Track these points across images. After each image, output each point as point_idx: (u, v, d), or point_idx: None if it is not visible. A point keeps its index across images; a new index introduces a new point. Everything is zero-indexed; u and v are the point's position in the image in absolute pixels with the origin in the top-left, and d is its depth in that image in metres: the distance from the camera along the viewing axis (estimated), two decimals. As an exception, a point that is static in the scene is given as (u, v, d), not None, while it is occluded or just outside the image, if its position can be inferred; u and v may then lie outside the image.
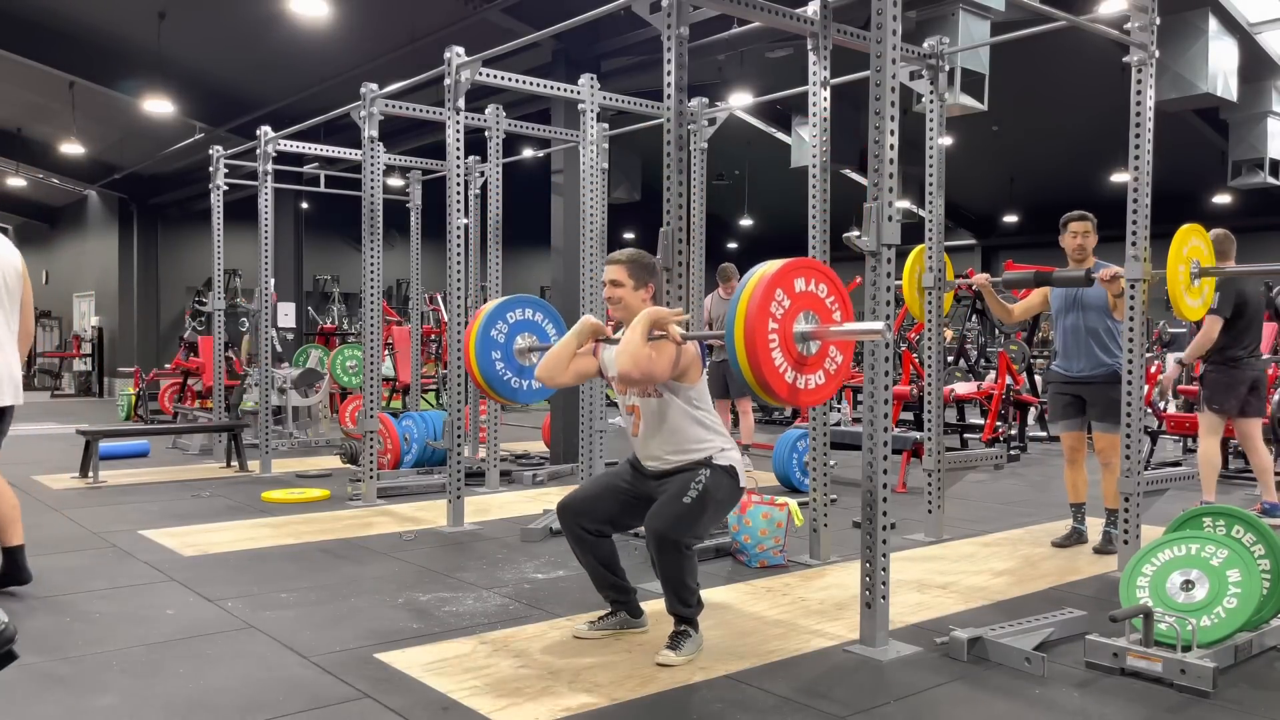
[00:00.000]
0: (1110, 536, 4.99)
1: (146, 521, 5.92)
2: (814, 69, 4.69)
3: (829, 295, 3.37)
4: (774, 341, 3.20)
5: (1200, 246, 4.67)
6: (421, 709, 2.96)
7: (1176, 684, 3.08)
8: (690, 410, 3.49)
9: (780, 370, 3.23)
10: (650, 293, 3.60)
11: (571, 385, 3.82)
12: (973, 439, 9.35)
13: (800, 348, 3.28)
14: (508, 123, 7.15)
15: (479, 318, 4.39)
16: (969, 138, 14.75)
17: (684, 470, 3.45)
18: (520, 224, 11.37)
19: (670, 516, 3.33)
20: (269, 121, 8.52)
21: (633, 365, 3.31)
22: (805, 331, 3.28)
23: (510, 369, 4.37)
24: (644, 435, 3.54)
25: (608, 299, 3.60)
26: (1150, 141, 4.52)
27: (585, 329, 3.64)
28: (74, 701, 3.01)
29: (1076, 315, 5.09)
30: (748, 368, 3.17)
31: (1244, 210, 17.78)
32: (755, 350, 3.15)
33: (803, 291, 3.29)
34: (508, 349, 4.38)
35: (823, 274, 3.37)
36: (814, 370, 3.35)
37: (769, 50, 9.72)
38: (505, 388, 4.38)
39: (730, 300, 7.80)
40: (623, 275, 3.56)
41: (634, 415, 3.56)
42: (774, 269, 3.23)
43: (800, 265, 3.31)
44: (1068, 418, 5.22)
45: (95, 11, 11.52)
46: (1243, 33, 9.81)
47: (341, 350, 10.82)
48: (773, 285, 3.19)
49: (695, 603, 3.46)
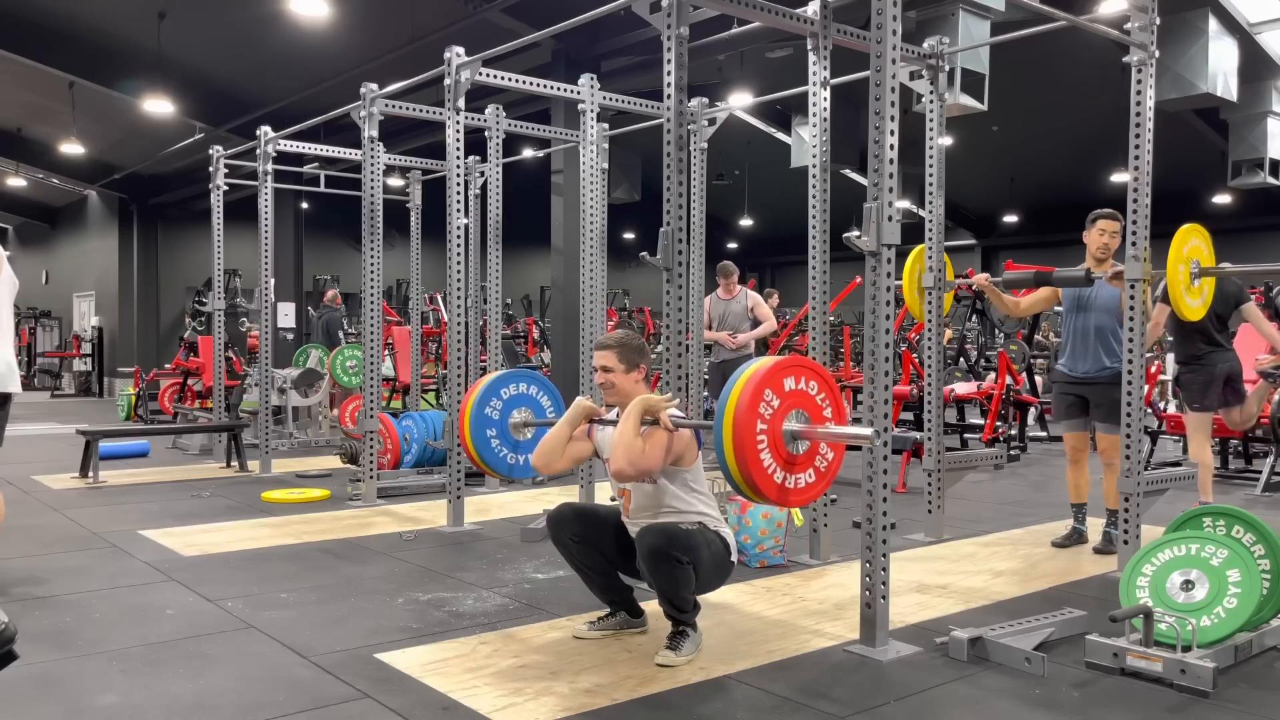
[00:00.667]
0: (1110, 537, 4.99)
1: (146, 521, 5.92)
2: (814, 69, 4.69)
3: (819, 393, 3.33)
4: (763, 442, 3.16)
5: (1200, 246, 4.67)
6: (421, 709, 2.96)
7: (1176, 684, 3.08)
8: (682, 491, 3.47)
9: (769, 471, 3.18)
10: (642, 373, 3.60)
11: (568, 470, 3.84)
12: (973, 439, 9.35)
13: (790, 447, 3.25)
14: (508, 123, 7.15)
15: (473, 394, 4.37)
16: (969, 138, 14.76)
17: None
18: (520, 224, 11.36)
19: (663, 533, 3.31)
20: (269, 121, 8.52)
21: (627, 462, 3.31)
22: (794, 431, 3.24)
23: (505, 445, 4.37)
24: (634, 510, 3.54)
25: (600, 384, 3.60)
26: (1150, 141, 4.52)
27: (579, 412, 3.64)
28: (74, 701, 3.01)
29: (1084, 316, 5.10)
30: (735, 469, 3.13)
31: (1244, 210, 17.79)
32: (743, 452, 3.10)
33: (793, 390, 3.25)
34: (502, 425, 4.37)
35: (813, 372, 3.35)
36: (804, 469, 3.30)
37: (769, 50, 9.73)
38: (501, 464, 4.38)
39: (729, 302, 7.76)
40: (613, 360, 3.56)
41: (625, 498, 3.55)
42: (764, 368, 3.20)
43: (790, 364, 3.29)
44: (1071, 418, 5.22)
45: (95, 11, 11.53)
46: (1243, 33, 9.81)
47: (341, 350, 10.82)
48: (762, 385, 3.16)
49: (691, 608, 3.46)
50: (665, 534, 3.31)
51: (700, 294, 7.32)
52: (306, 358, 10.99)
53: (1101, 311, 5.03)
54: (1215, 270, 4.74)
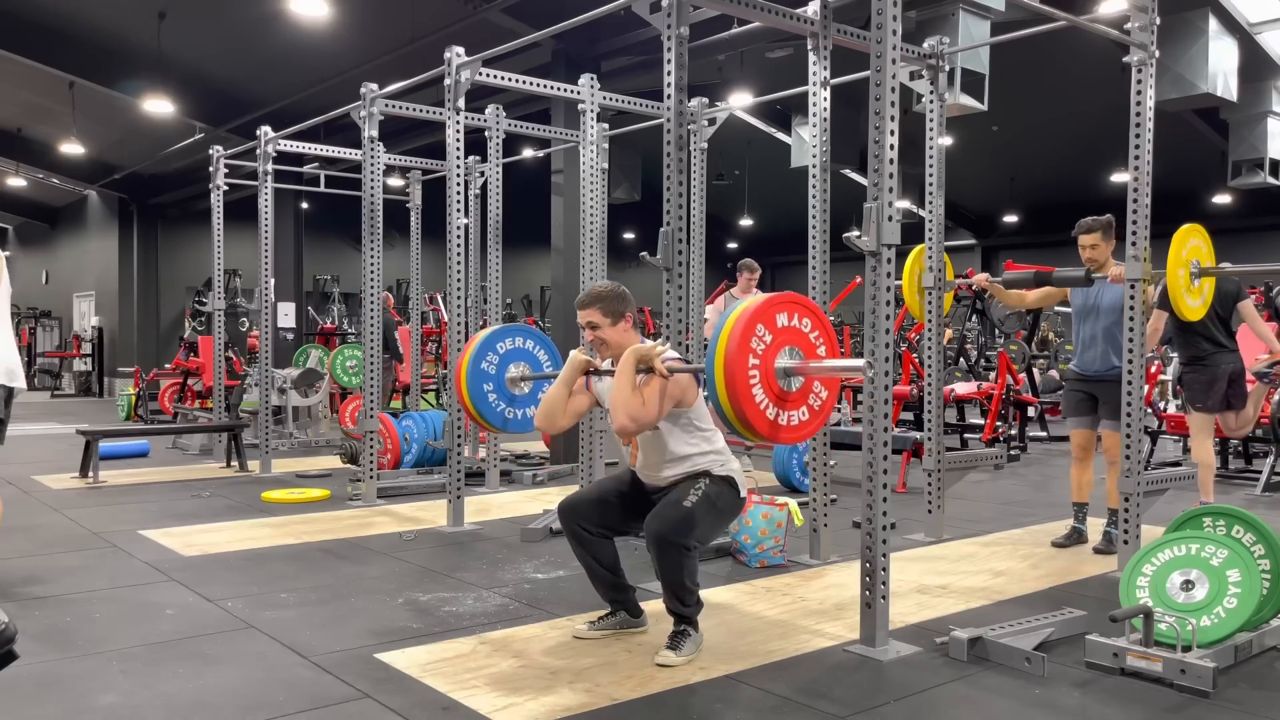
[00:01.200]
0: (1111, 537, 4.99)
1: (146, 521, 5.92)
2: (814, 69, 4.69)
3: (813, 330, 3.33)
4: (754, 377, 3.15)
5: (1200, 246, 4.67)
6: (421, 709, 2.96)
7: (1176, 684, 3.08)
8: (687, 435, 3.48)
9: (761, 407, 3.18)
10: (629, 322, 3.58)
11: (572, 426, 3.84)
12: (973, 439, 9.35)
13: (782, 384, 3.24)
14: (508, 123, 7.15)
15: (468, 350, 4.36)
16: (969, 137, 14.75)
17: (683, 481, 3.47)
18: (520, 224, 11.35)
19: (671, 519, 3.33)
20: (269, 121, 8.52)
21: (628, 418, 3.31)
22: (787, 367, 3.24)
23: (503, 399, 4.36)
24: (641, 463, 3.58)
25: (590, 342, 3.60)
26: (1150, 141, 4.52)
27: (574, 368, 3.63)
28: (74, 701, 3.01)
29: (1093, 320, 5.12)
30: (727, 404, 3.12)
31: (1244, 210, 17.78)
32: (735, 386, 3.10)
33: (785, 326, 3.25)
34: (499, 380, 4.36)
35: (807, 309, 3.34)
36: (796, 406, 3.31)
37: (769, 50, 9.72)
38: (498, 418, 4.37)
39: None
40: (597, 316, 3.55)
41: (631, 446, 3.56)
42: (756, 303, 3.19)
43: (783, 300, 3.28)
44: (1079, 414, 5.23)
45: (95, 11, 11.52)
46: (1243, 33, 9.81)
47: (341, 350, 10.82)
48: (754, 320, 3.16)
49: (694, 603, 3.46)
50: (670, 520, 3.31)
51: (700, 294, 7.32)
52: (306, 358, 10.99)
53: (1107, 313, 5.05)
54: (1215, 270, 4.74)
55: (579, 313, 3.61)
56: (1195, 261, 4.62)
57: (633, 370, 3.35)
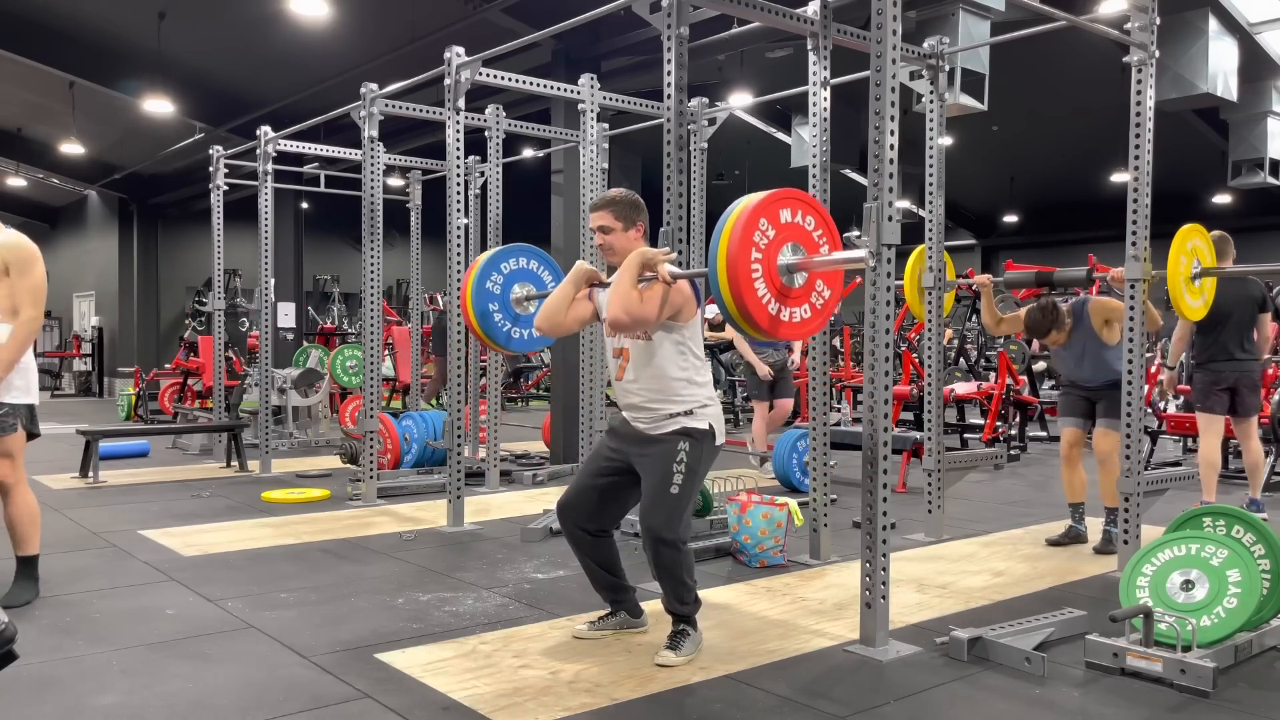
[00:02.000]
0: (1110, 536, 4.99)
1: (146, 521, 5.92)
2: (814, 69, 4.69)
3: (816, 229, 3.30)
4: (757, 271, 3.13)
5: (1201, 247, 4.67)
6: (421, 709, 2.96)
7: (1176, 684, 3.08)
8: (677, 354, 3.40)
9: (762, 300, 3.16)
10: (641, 231, 3.53)
11: (573, 332, 3.81)
12: (973, 439, 9.35)
13: (784, 279, 3.22)
14: (508, 123, 7.15)
15: (473, 269, 4.37)
16: (969, 138, 14.75)
17: (663, 440, 3.38)
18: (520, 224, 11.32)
19: (663, 514, 3.31)
20: (269, 121, 8.51)
21: (623, 311, 3.27)
22: (790, 264, 3.23)
23: (507, 318, 4.37)
24: (628, 379, 3.46)
25: (599, 246, 3.54)
26: (1150, 141, 4.52)
27: (580, 274, 3.60)
28: (74, 701, 3.01)
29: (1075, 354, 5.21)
30: (729, 295, 3.10)
31: (1244, 210, 17.78)
32: (737, 278, 3.07)
33: (788, 223, 3.23)
34: (504, 299, 4.37)
35: (810, 207, 3.30)
36: (799, 304, 3.29)
37: (769, 50, 9.72)
38: (503, 336, 4.37)
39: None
40: (609, 219, 3.50)
41: (621, 358, 3.47)
42: (759, 198, 3.17)
43: (786, 195, 3.25)
44: (1074, 414, 5.28)
45: (95, 11, 11.52)
46: (1243, 33, 9.80)
47: (341, 350, 10.82)
48: (756, 214, 3.13)
49: (692, 600, 3.46)
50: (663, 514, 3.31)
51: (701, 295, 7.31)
52: (306, 358, 10.99)
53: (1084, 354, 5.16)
54: (1216, 271, 4.75)
55: (591, 215, 3.57)
56: (1196, 261, 4.62)
57: (636, 269, 3.32)
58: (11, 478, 4.03)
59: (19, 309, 3.92)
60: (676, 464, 3.34)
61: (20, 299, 3.91)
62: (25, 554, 4.13)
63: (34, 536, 4.14)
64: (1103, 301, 5.19)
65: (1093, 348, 5.15)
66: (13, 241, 3.95)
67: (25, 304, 3.91)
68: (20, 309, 3.91)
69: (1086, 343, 5.16)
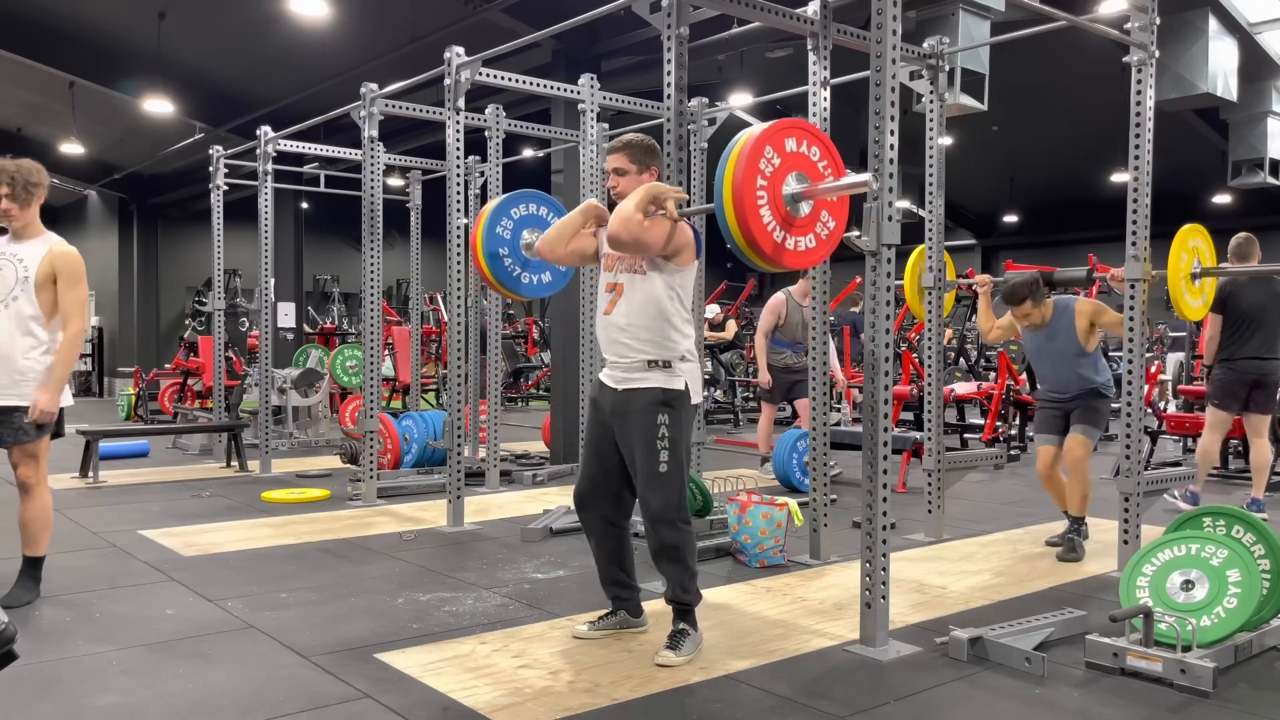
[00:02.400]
0: (1074, 544, 4.94)
1: (147, 521, 5.92)
2: (814, 69, 4.69)
3: (821, 160, 3.30)
4: (762, 198, 3.13)
5: (1201, 247, 4.67)
6: (421, 709, 2.96)
7: (1176, 684, 3.09)
8: (668, 298, 3.39)
9: (767, 227, 3.16)
10: (654, 176, 3.53)
11: (570, 264, 3.84)
12: (973, 439, 9.35)
13: (790, 207, 3.22)
14: (508, 123, 7.15)
15: (484, 214, 4.39)
16: (969, 138, 14.75)
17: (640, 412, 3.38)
18: (520, 224, 11.34)
19: (659, 496, 3.37)
20: (269, 121, 8.51)
21: (622, 227, 3.26)
22: (795, 192, 3.22)
23: (517, 262, 4.42)
24: (617, 313, 3.44)
25: (611, 188, 3.55)
26: (1150, 141, 4.52)
27: (589, 208, 3.63)
28: (74, 701, 3.01)
29: (1048, 361, 5.13)
30: (734, 222, 3.10)
31: (1244, 210, 17.79)
32: (743, 204, 3.08)
33: (794, 152, 3.22)
34: (514, 244, 4.40)
35: (815, 137, 3.30)
36: (804, 233, 3.29)
37: (769, 50, 9.72)
38: (512, 280, 4.42)
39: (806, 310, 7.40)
40: (624, 162, 3.51)
41: (614, 293, 3.46)
42: (763, 127, 3.17)
43: (791, 124, 3.25)
44: (1050, 431, 5.16)
45: (95, 11, 11.52)
46: (1243, 33, 9.80)
47: (341, 350, 10.82)
48: (762, 141, 3.13)
49: (695, 590, 3.47)
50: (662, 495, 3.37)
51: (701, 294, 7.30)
52: (306, 358, 10.99)
53: (1060, 357, 5.06)
54: (1216, 270, 4.75)
55: (608, 157, 3.57)
56: (1197, 261, 4.63)
57: (645, 199, 3.29)
58: (34, 478, 4.05)
59: (67, 320, 4.02)
60: (659, 440, 3.35)
61: (69, 309, 4.03)
62: (33, 554, 4.14)
63: (44, 539, 4.15)
64: (1093, 303, 5.08)
65: (1070, 354, 5.02)
66: (66, 250, 4.06)
67: (74, 315, 4.03)
68: (69, 321, 4.02)
69: (1065, 347, 5.03)
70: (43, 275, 3.99)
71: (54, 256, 4.03)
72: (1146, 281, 4.54)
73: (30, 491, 4.07)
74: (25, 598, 4.06)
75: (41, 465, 4.09)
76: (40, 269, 3.99)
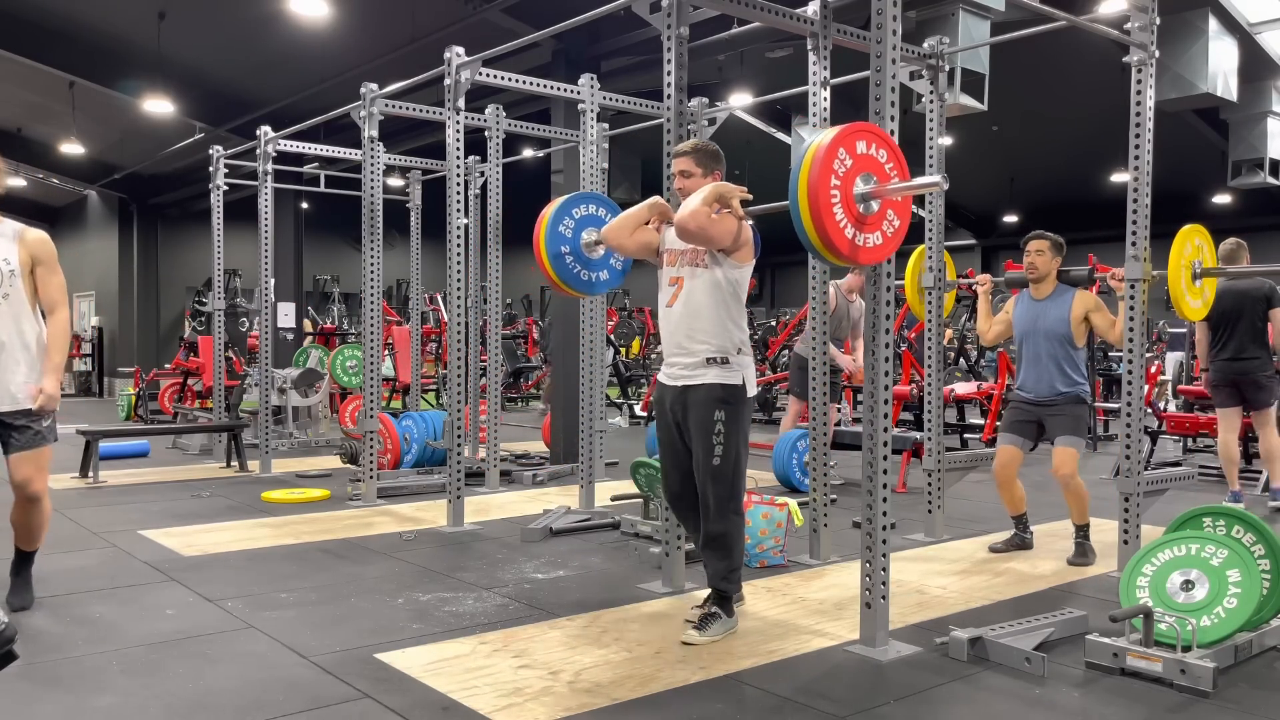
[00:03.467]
0: (1083, 548, 4.88)
1: (147, 521, 5.92)
2: (814, 69, 4.69)
3: (888, 161, 3.39)
4: (835, 199, 3.23)
5: (1202, 247, 4.67)
6: (421, 709, 2.96)
7: (1176, 684, 3.09)
8: (727, 295, 3.65)
9: (841, 227, 3.26)
10: (718, 179, 3.74)
11: (634, 254, 4.02)
12: (973, 439, 9.35)
13: (860, 207, 3.32)
14: (508, 123, 7.15)
15: (547, 213, 4.48)
16: (969, 138, 14.75)
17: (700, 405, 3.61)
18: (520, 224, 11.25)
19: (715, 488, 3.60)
20: (269, 121, 8.51)
21: (691, 218, 3.48)
22: (865, 192, 3.31)
23: (579, 262, 4.50)
24: (677, 310, 3.70)
25: (678, 190, 3.76)
26: (1150, 141, 4.52)
27: (655, 204, 3.87)
28: (74, 701, 3.01)
29: (1035, 341, 4.96)
30: (810, 223, 3.20)
31: (1244, 210, 17.79)
32: (818, 206, 3.18)
33: (863, 154, 3.32)
34: (575, 243, 4.48)
35: (882, 140, 3.39)
36: (873, 230, 3.38)
37: (769, 50, 9.72)
38: (575, 279, 4.53)
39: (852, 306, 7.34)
40: (690, 165, 3.73)
41: (676, 286, 3.73)
42: (837, 131, 3.28)
43: (862, 128, 3.34)
44: (1015, 432, 5.01)
45: (95, 11, 11.52)
46: (1243, 33, 9.80)
47: (341, 350, 10.82)
48: (836, 145, 3.23)
49: (736, 581, 3.67)
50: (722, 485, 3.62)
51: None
52: (306, 358, 10.99)
53: (1049, 338, 4.91)
54: (1217, 271, 4.75)
55: (674, 160, 3.80)
56: (1197, 262, 4.63)
57: (712, 195, 3.52)
58: (42, 489, 3.94)
59: (55, 307, 3.91)
60: (715, 436, 3.60)
61: (54, 295, 3.91)
62: (31, 549, 4.08)
63: (42, 535, 4.10)
64: (1095, 297, 4.97)
65: (1056, 336, 4.88)
66: (40, 235, 3.92)
67: (60, 302, 3.92)
68: (57, 307, 3.91)
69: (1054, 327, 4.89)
70: (24, 265, 3.85)
71: (30, 244, 3.87)
72: (1146, 282, 4.54)
73: (39, 501, 3.95)
74: (30, 597, 4.04)
75: (47, 476, 3.99)
76: (21, 258, 3.84)
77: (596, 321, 6.64)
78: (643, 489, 5.47)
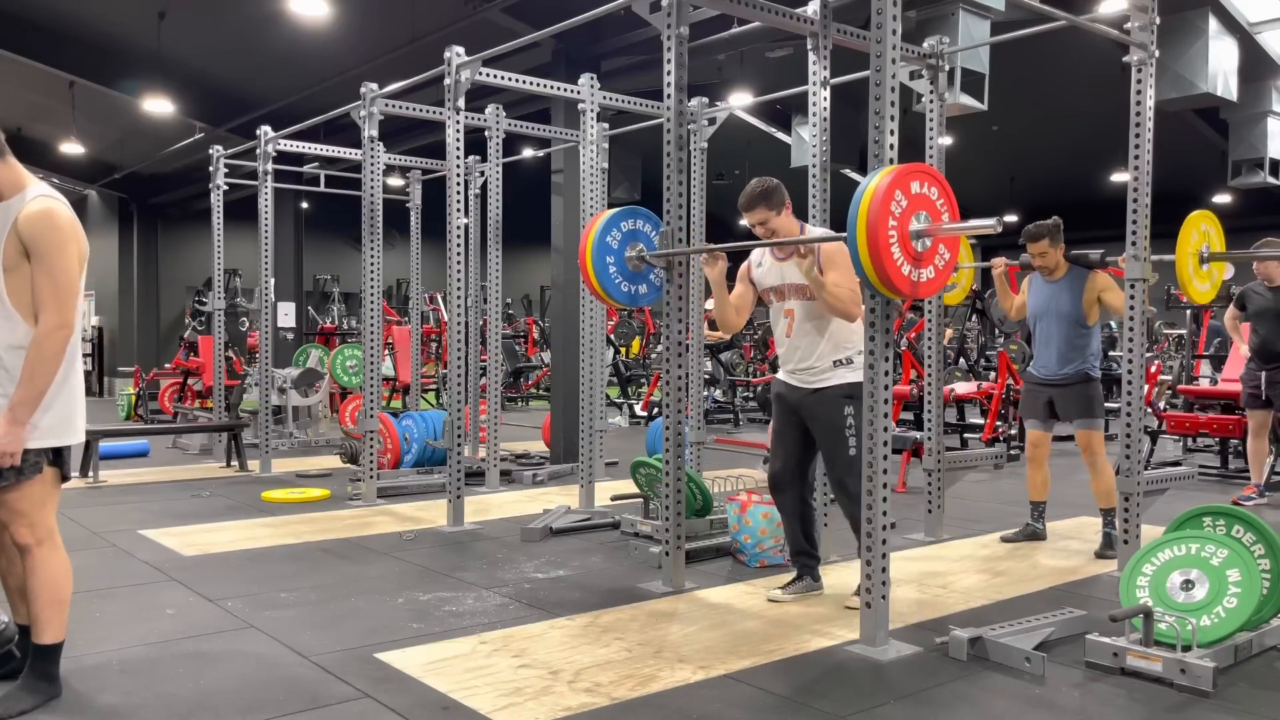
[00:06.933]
0: (1110, 539, 4.96)
1: (147, 521, 5.93)
2: (814, 69, 4.69)
3: (939, 198, 3.46)
4: (893, 238, 3.30)
5: (1209, 232, 4.68)
6: (421, 709, 2.96)
7: (1176, 684, 3.09)
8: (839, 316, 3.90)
9: (899, 265, 3.33)
10: (790, 207, 3.96)
11: (746, 317, 4.29)
12: (973, 439, 9.35)
13: (916, 245, 3.39)
14: (508, 123, 7.15)
15: (595, 225, 4.53)
16: (969, 137, 14.74)
17: (830, 402, 3.91)
18: (520, 224, 11.34)
19: (855, 478, 3.70)
20: (269, 121, 8.51)
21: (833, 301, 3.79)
22: (920, 230, 3.37)
23: (622, 275, 4.58)
24: (795, 336, 3.99)
25: (762, 235, 3.97)
26: (1150, 141, 4.52)
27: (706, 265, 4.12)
28: (74, 701, 3.01)
29: (1048, 321, 5.13)
30: (869, 263, 3.28)
31: (1244, 210, 17.79)
32: (877, 245, 3.25)
33: (918, 194, 3.38)
34: (620, 256, 4.53)
35: (934, 178, 3.46)
36: (927, 265, 3.46)
37: (769, 50, 9.71)
38: (619, 292, 4.63)
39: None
40: (763, 213, 3.93)
41: (789, 319, 3.95)
42: (894, 172, 3.33)
43: (916, 169, 3.40)
44: (1036, 416, 5.24)
45: (95, 11, 11.51)
46: (1243, 33, 9.80)
47: (341, 350, 10.82)
48: (893, 186, 3.29)
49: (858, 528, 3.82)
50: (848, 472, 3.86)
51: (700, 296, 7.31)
52: (306, 358, 10.99)
53: (1064, 319, 5.05)
54: (1225, 255, 4.75)
55: (746, 215, 3.96)
56: (1205, 246, 4.64)
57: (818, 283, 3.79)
58: (29, 538, 2.86)
59: (39, 310, 2.84)
60: (848, 430, 3.89)
61: (41, 294, 2.83)
62: (40, 641, 2.92)
63: (54, 619, 2.92)
64: (1109, 278, 5.04)
65: (1068, 316, 5.01)
66: (37, 212, 2.84)
67: (46, 302, 2.83)
68: (41, 311, 2.83)
69: (1067, 308, 5.01)
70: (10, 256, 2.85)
71: (20, 223, 2.83)
72: (1147, 281, 4.53)
73: (30, 555, 2.88)
74: (26, 704, 2.87)
75: (38, 521, 2.88)
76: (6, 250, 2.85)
77: (596, 321, 6.64)
78: (643, 489, 5.46)
